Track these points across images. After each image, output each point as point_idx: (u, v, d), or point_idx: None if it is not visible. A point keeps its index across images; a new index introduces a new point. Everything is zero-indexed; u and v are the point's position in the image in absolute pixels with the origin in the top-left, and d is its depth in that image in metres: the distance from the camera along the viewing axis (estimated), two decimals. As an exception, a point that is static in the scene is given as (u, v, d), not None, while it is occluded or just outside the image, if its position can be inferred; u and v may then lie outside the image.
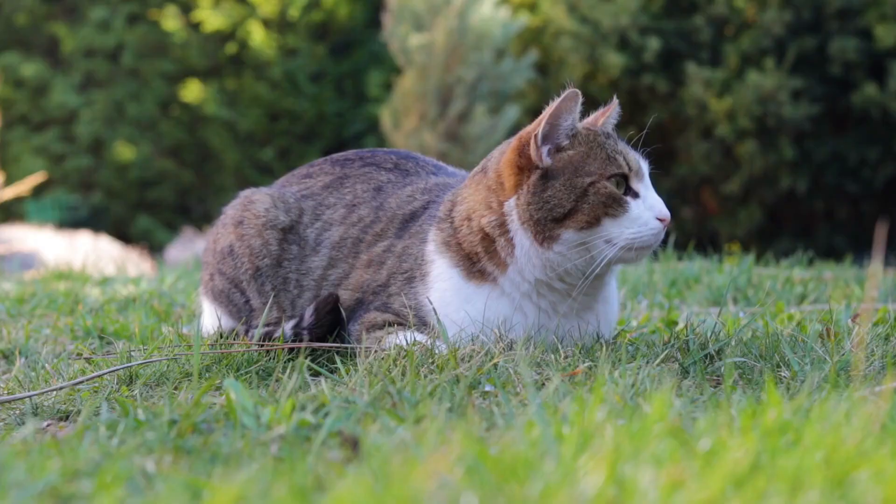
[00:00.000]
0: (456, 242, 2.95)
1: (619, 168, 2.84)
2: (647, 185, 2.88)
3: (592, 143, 2.88)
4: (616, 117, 3.07)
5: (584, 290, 2.91)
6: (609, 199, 2.81)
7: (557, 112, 2.87)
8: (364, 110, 18.69)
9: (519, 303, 2.90)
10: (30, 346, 3.60)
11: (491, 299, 2.90)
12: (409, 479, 1.57)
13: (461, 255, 2.94)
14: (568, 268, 2.85)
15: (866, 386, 2.37)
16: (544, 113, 2.87)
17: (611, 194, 2.81)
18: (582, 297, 2.92)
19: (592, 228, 2.81)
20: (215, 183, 19.35)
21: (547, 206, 2.83)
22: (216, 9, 19.17)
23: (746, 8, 15.48)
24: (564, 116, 2.88)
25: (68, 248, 12.06)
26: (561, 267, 2.85)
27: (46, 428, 2.52)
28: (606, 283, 2.98)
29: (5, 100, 18.30)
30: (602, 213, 2.80)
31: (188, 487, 1.78)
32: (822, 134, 15.37)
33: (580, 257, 2.82)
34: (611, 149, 2.88)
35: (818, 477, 1.59)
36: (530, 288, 2.89)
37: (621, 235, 2.80)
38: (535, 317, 2.90)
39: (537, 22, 16.78)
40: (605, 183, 2.82)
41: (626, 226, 2.81)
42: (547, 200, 2.83)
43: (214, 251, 3.32)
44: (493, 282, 2.91)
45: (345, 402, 2.29)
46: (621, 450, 1.66)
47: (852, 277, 5.10)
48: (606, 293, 3.01)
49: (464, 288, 2.92)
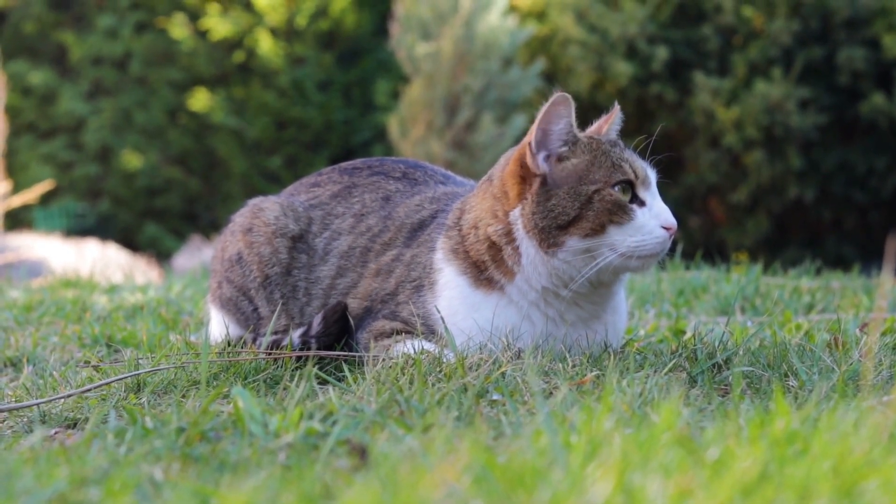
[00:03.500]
0: (463, 250, 2.95)
1: (625, 175, 2.84)
2: (654, 194, 2.87)
3: (597, 152, 2.88)
4: (619, 123, 3.07)
5: (592, 300, 2.91)
6: (614, 206, 2.81)
7: (546, 118, 2.87)
8: (371, 119, 18.68)
9: (527, 311, 2.89)
10: (37, 353, 3.61)
11: (499, 307, 2.89)
12: (418, 487, 1.57)
13: (469, 262, 2.94)
14: (574, 276, 2.84)
15: (874, 396, 2.37)
16: (536, 120, 2.88)
17: (616, 201, 2.81)
18: (590, 307, 2.92)
19: (597, 236, 2.80)
20: (223, 191, 19.35)
21: (551, 214, 2.83)
22: (224, 17, 19.19)
23: (754, 17, 15.47)
24: (555, 121, 2.87)
25: (76, 256, 12.08)
26: (566, 275, 2.84)
27: (54, 435, 2.52)
28: (614, 292, 2.97)
29: (13, 108, 18.31)
30: (607, 220, 2.80)
31: (196, 495, 1.78)
32: (829, 143, 15.34)
33: (585, 265, 2.82)
34: (616, 156, 2.87)
35: (826, 486, 1.59)
36: (537, 296, 2.89)
37: (624, 243, 2.79)
38: (543, 325, 2.89)
39: (545, 31, 16.78)
40: (609, 190, 2.82)
41: (631, 234, 2.80)
42: (551, 209, 2.84)
43: (222, 259, 3.32)
44: (501, 290, 2.91)
45: (353, 411, 2.30)
46: (629, 459, 1.66)
47: (860, 287, 5.09)
48: (615, 303, 3.01)
49: (471, 296, 2.92)
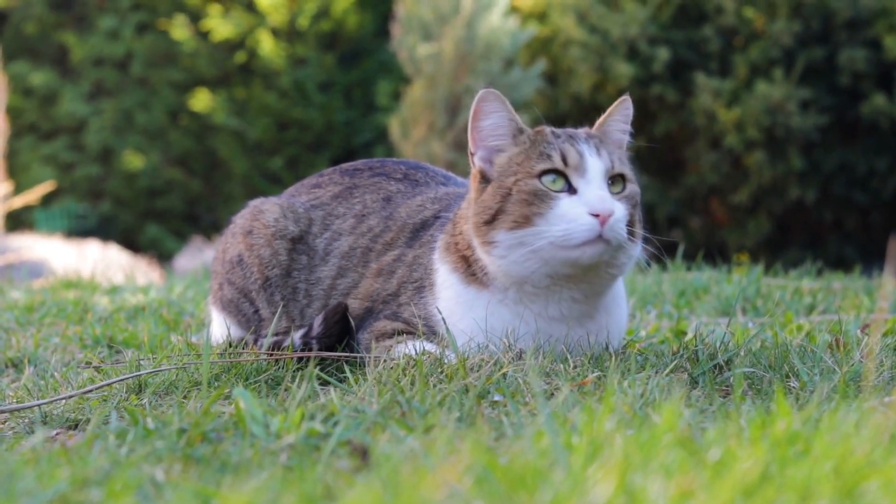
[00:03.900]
0: (454, 246, 2.94)
1: (551, 164, 2.76)
2: (590, 181, 2.74)
3: (532, 142, 2.84)
4: (622, 116, 2.95)
5: (575, 298, 2.85)
6: (531, 196, 2.74)
7: (475, 115, 2.86)
8: (373, 120, 18.68)
9: (517, 310, 2.86)
10: (39, 354, 3.61)
11: (491, 305, 2.87)
12: (419, 488, 1.57)
13: (457, 257, 2.92)
14: (523, 273, 2.79)
15: (876, 396, 2.37)
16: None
17: (532, 191, 2.74)
18: (575, 305, 2.87)
19: (523, 228, 2.74)
20: (224, 192, 19.36)
21: (479, 210, 2.82)
22: (225, 18, 19.19)
23: (755, 18, 15.46)
24: (483, 118, 2.85)
25: (77, 257, 12.09)
26: (515, 272, 2.79)
27: (56, 436, 2.52)
28: (598, 291, 2.88)
29: (14, 108, 18.30)
30: (528, 211, 2.73)
31: (197, 496, 1.78)
32: (830, 144, 15.34)
33: (527, 260, 2.76)
34: (549, 146, 2.80)
35: (828, 487, 1.59)
36: (516, 295, 2.86)
37: (549, 232, 2.71)
38: (536, 324, 2.85)
39: (546, 32, 16.77)
40: (527, 181, 2.76)
41: (555, 223, 2.71)
42: (479, 205, 2.82)
43: (223, 261, 3.32)
44: (487, 287, 2.88)
45: (354, 412, 2.30)
46: (631, 460, 1.66)
47: (861, 288, 5.09)
48: (606, 302, 2.94)
49: (464, 293, 2.90)
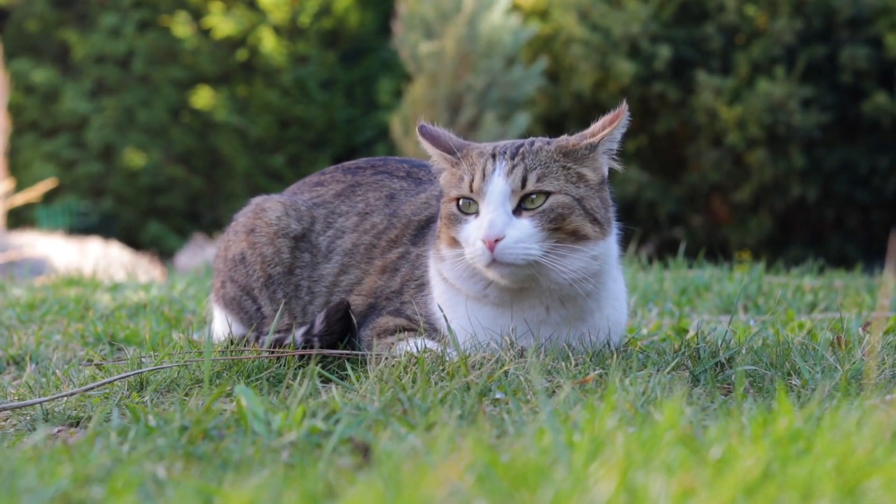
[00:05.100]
0: (436, 247, 2.96)
1: (460, 191, 2.83)
2: (488, 203, 2.75)
3: (457, 165, 2.89)
4: (623, 127, 2.89)
5: (549, 305, 2.85)
6: (449, 220, 2.84)
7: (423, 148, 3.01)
8: (374, 117, 18.67)
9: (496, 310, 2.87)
10: (40, 352, 3.61)
11: (470, 303, 2.89)
12: (420, 486, 1.57)
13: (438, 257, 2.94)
14: (471, 287, 2.85)
15: (877, 394, 2.37)
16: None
17: (449, 215, 2.84)
18: (555, 311, 2.86)
19: (454, 248, 2.82)
20: (225, 189, 19.35)
21: (437, 225, 2.94)
22: (227, 15, 19.18)
23: (757, 16, 15.45)
24: (426, 149, 2.99)
25: (78, 255, 12.10)
26: (465, 285, 2.86)
27: (57, 434, 2.52)
28: (571, 295, 2.84)
29: (16, 106, 18.31)
30: (452, 233, 2.82)
31: (199, 493, 1.78)
32: (832, 142, 15.32)
33: (470, 276, 2.84)
34: (468, 168, 2.84)
35: (829, 485, 1.59)
36: (496, 298, 2.88)
37: (465, 253, 2.78)
38: (524, 325, 2.85)
39: (548, 29, 16.75)
40: (447, 204, 2.86)
41: (466, 245, 2.78)
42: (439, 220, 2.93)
43: (226, 259, 3.32)
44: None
45: (355, 409, 2.30)
46: (632, 457, 1.66)
47: (863, 286, 5.09)
48: (599, 302, 2.91)
49: (448, 291, 2.93)
